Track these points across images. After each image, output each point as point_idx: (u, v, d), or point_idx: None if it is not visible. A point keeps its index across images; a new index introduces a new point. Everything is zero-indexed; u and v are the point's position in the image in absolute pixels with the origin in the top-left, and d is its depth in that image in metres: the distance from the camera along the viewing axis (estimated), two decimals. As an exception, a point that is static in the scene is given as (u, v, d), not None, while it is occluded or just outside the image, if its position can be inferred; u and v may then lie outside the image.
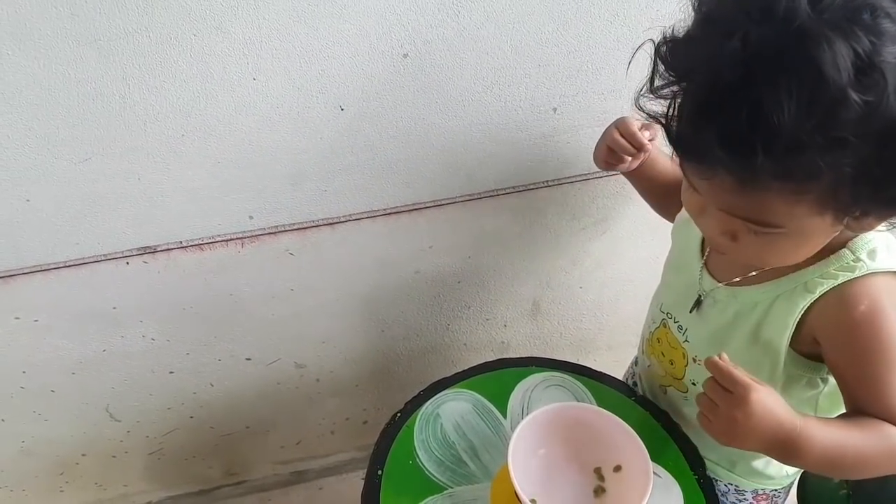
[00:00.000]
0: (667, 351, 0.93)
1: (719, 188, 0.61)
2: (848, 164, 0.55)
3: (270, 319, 1.21)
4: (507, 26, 0.93)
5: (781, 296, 0.75)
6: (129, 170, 0.94)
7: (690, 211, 0.72)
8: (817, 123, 0.52)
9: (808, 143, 0.52)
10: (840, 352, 0.73)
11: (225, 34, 0.84)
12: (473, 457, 0.89)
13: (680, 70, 0.61)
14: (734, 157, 0.55)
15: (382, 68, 0.93)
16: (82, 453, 1.33)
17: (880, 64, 0.51)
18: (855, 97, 0.51)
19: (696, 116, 0.57)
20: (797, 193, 0.58)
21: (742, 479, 0.97)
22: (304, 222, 1.07)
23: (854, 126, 0.52)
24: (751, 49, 0.53)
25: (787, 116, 0.51)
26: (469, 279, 1.30)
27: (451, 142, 1.05)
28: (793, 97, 0.51)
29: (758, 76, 0.52)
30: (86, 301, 1.07)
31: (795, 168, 0.55)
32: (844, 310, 0.70)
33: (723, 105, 0.54)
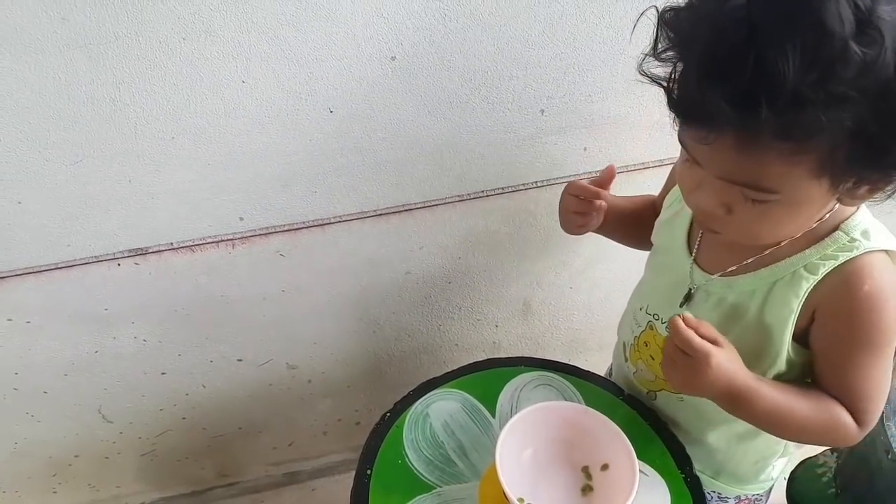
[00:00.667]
0: (656, 354, 0.92)
1: (720, 152, 0.62)
2: (847, 120, 0.55)
3: (262, 320, 1.22)
4: (494, 29, 0.95)
5: (779, 281, 0.76)
6: (120, 172, 0.94)
7: (686, 187, 0.73)
8: (819, 77, 0.53)
9: (810, 97, 0.53)
10: (834, 329, 0.74)
11: (214, 38, 0.85)
12: (462, 456, 0.90)
13: (684, 32, 0.62)
14: (739, 113, 0.56)
15: (371, 71, 0.93)
16: (75, 454, 1.34)
17: (878, 21, 0.52)
18: (856, 50, 0.52)
19: (701, 76, 0.58)
20: (796, 153, 0.59)
21: (726, 487, 0.98)
22: (295, 223, 1.08)
23: (853, 81, 0.53)
24: (754, 5, 0.54)
25: (791, 69, 0.52)
26: (460, 280, 1.31)
27: (440, 143, 1.06)
28: (797, 50, 0.52)
29: (762, 32, 0.53)
30: (78, 302, 1.08)
31: (797, 124, 0.55)
32: (848, 289, 0.72)
33: (729, 62, 0.55)
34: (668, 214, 0.92)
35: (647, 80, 0.66)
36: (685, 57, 0.61)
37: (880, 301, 0.71)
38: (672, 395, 0.93)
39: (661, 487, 0.86)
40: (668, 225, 0.91)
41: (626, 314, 1.03)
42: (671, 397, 0.94)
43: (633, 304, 0.99)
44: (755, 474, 0.96)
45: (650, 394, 0.97)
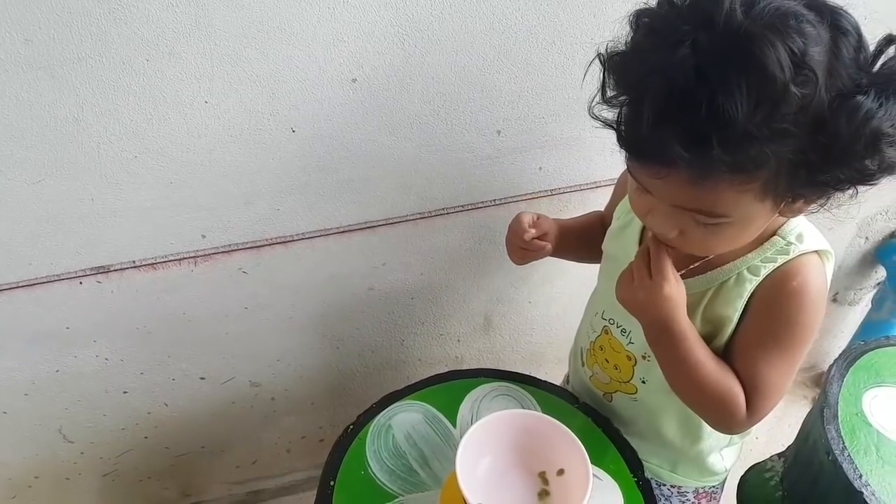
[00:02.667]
0: (611, 357, 0.97)
1: (673, 185, 0.66)
2: (789, 152, 0.61)
3: (224, 338, 1.23)
4: (451, 53, 0.98)
5: (727, 282, 0.82)
6: (82, 191, 0.95)
7: (639, 212, 0.78)
8: (765, 116, 0.58)
9: (756, 135, 0.59)
10: (756, 319, 0.81)
11: (177, 59, 0.87)
12: (424, 465, 0.92)
13: (633, 79, 0.66)
14: (692, 153, 0.60)
15: (332, 92, 0.96)
16: (35, 476, 1.32)
17: (810, 62, 0.58)
18: (794, 91, 0.57)
19: (654, 119, 0.61)
20: (744, 182, 0.64)
21: (685, 479, 1.03)
22: (258, 241, 1.10)
23: (794, 117, 0.59)
24: (701, 53, 0.59)
25: (739, 111, 0.57)
26: (422, 296, 1.33)
27: (402, 162, 1.09)
28: (743, 94, 0.57)
29: (711, 77, 0.58)
30: (39, 321, 1.08)
31: (745, 158, 0.61)
32: (780, 284, 0.79)
33: (680, 106, 0.59)
34: (618, 224, 0.96)
35: (600, 125, 0.70)
36: (636, 101, 0.64)
37: (803, 298, 0.78)
38: (627, 396, 0.98)
39: (615, 491, 0.89)
40: (618, 235, 0.95)
41: (584, 321, 1.07)
42: (626, 398, 0.98)
43: (589, 311, 1.04)
44: (709, 465, 1.01)
45: (606, 395, 1.01)
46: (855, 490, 0.93)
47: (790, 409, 1.81)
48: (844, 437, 0.98)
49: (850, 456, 0.96)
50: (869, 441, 0.99)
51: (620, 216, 0.95)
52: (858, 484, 0.93)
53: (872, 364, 1.11)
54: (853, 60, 0.61)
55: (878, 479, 0.93)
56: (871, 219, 1.58)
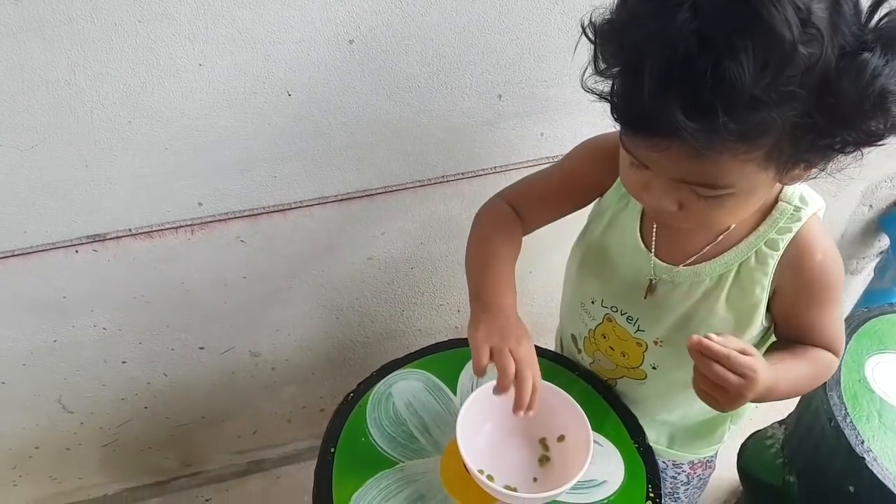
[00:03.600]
0: (616, 344, 0.95)
1: (674, 157, 0.63)
2: (795, 116, 0.58)
3: (223, 307, 1.22)
4: (451, 13, 0.96)
5: (744, 262, 0.80)
6: (76, 157, 0.94)
7: (633, 189, 0.74)
8: (772, 78, 0.55)
9: (763, 99, 0.55)
10: (797, 294, 0.81)
11: (170, 20, 0.85)
12: (424, 432, 0.91)
13: (629, 48, 0.61)
14: (697, 121, 0.57)
15: (329, 54, 0.94)
16: (35, 446, 1.32)
17: (815, 19, 0.54)
18: (802, 51, 0.54)
19: (656, 89, 0.58)
20: (749, 151, 0.61)
21: (680, 453, 1.03)
22: (255, 209, 1.09)
23: (800, 79, 0.56)
24: (702, 16, 0.55)
25: (747, 76, 0.54)
26: (422, 265, 1.32)
27: (401, 128, 1.07)
28: (749, 56, 0.54)
29: (715, 40, 0.54)
30: (35, 290, 1.07)
31: (751, 125, 0.58)
32: (805, 259, 0.79)
33: (683, 74, 0.55)
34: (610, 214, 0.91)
35: (594, 97, 0.66)
36: (634, 71, 0.60)
37: (831, 264, 0.79)
38: (633, 381, 0.96)
39: (616, 457, 0.89)
40: (612, 225, 0.91)
41: (571, 308, 1.01)
42: (632, 383, 0.96)
43: (578, 298, 0.98)
44: (716, 436, 1.01)
45: (610, 381, 0.99)
46: (857, 455, 0.93)
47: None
48: (847, 403, 0.98)
49: (852, 422, 0.96)
50: (871, 407, 0.99)
51: (610, 206, 0.91)
52: (860, 450, 0.93)
53: (875, 331, 1.11)
54: (854, 17, 0.58)
55: (879, 445, 0.93)
56: (875, 186, 1.57)
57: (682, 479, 1.06)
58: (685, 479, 1.07)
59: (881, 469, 0.91)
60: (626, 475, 0.87)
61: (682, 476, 1.06)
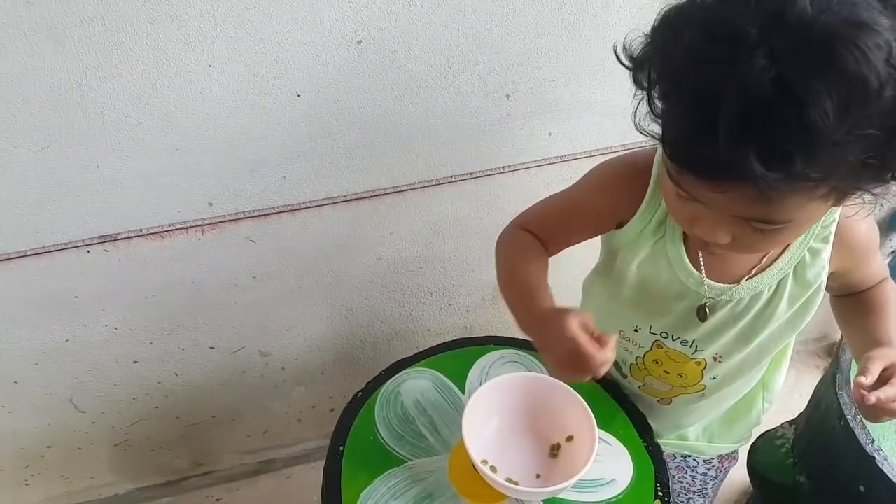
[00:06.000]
0: (672, 368, 0.92)
1: (736, 198, 0.60)
2: (867, 155, 0.56)
3: (233, 307, 1.23)
4: (458, 14, 0.96)
5: (800, 262, 0.81)
6: (87, 157, 0.95)
7: (681, 220, 0.72)
8: (853, 122, 0.52)
9: (841, 143, 0.53)
10: (856, 262, 0.84)
11: (180, 22, 0.86)
12: (433, 431, 0.92)
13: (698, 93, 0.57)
14: (773, 169, 0.54)
15: (337, 55, 0.95)
16: (47, 445, 1.33)
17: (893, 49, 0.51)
18: (888, 93, 0.51)
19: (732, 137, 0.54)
20: (814, 189, 0.59)
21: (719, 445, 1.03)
22: (264, 209, 1.09)
23: (881, 119, 0.53)
24: (780, 61, 0.52)
25: (829, 121, 0.51)
26: (431, 265, 1.33)
27: (409, 128, 1.08)
28: (834, 101, 0.51)
29: (795, 87, 0.51)
30: (47, 290, 1.08)
31: (826, 167, 0.55)
32: (854, 233, 0.81)
33: (763, 122, 0.53)
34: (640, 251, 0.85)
35: (650, 140, 0.64)
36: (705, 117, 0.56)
37: (870, 224, 0.82)
38: (690, 397, 0.94)
39: (624, 455, 0.88)
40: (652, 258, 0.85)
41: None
42: (689, 398, 0.94)
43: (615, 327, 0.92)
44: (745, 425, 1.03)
45: (663, 400, 0.97)
46: (867, 455, 0.92)
47: (802, 380, 1.81)
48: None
49: (862, 421, 0.95)
50: (882, 406, 0.98)
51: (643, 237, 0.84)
52: (870, 448, 0.93)
53: (886, 330, 1.10)
54: None
55: (890, 444, 0.93)
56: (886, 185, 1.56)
57: (711, 474, 1.07)
58: (714, 473, 1.07)
59: (891, 468, 0.90)
60: (634, 474, 0.87)
61: (711, 472, 1.06)
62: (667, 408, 0.98)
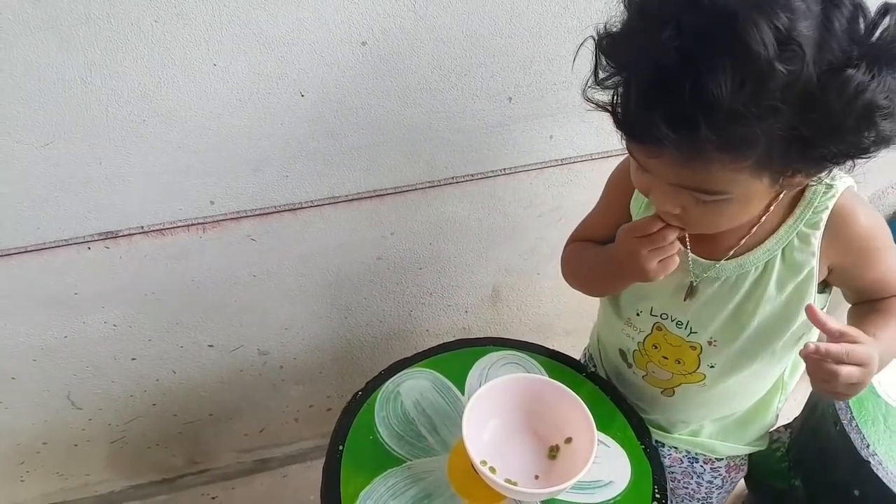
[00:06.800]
0: (670, 353, 0.94)
1: (667, 164, 0.66)
2: (779, 129, 0.60)
3: (233, 306, 1.23)
4: (462, 16, 0.97)
5: (787, 246, 0.81)
6: (90, 154, 0.95)
7: (640, 189, 0.78)
8: (751, 94, 0.57)
9: (743, 113, 0.58)
10: (856, 260, 0.82)
11: (186, 20, 0.86)
12: (432, 431, 0.92)
13: (622, 61, 0.66)
14: (680, 134, 0.60)
15: (341, 55, 0.95)
16: (43, 442, 1.33)
17: (798, 37, 0.57)
18: (780, 67, 0.56)
19: (642, 101, 0.62)
20: (737, 161, 0.63)
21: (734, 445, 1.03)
22: (266, 208, 1.09)
23: (781, 93, 0.58)
24: (685, 35, 0.58)
25: (725, 91, 0.57)
26: (430, 266, 1.33)
27: (411, 129, 1.08)
28: (727, 73, 0.56)
29: (695, 58, 0.57)
30: (47, 287, 1.08)
31: (734, 137, 0.60)
32: (849, 225, 0.80)
33: (666, 88, 0.59)
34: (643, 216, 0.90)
35: (593, 107, 0.70)
36: (626, 83, 0.65)
37: (876, 222, 0.81)
38: (692, 386, 0.95)
39: (622, 458, 0.89)
40: None
41: (611, 325, 1.01)
42: (691, 388, 0.95)
43: (621, 313, 0.97)
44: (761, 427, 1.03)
45: (666, 392, 0.98)
46: (862, 459, 0.93)
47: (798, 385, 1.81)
48: (852, 406, 0.98)
49: (857, 426, 0.96)
50: (877, 411, 0.99)
51: (639, 211, 0.91)
52: (865, 453, 0.93)
53: (882, 336, 1.11)
54: (846, 32, 0.59)
55: (884, 449, 0.94)
56: (882, 192, 1.57)
57: (717, 482, 1.06)
58: (720, 482, 1.06)
59: (886, 473, 0.91)
60: (632, 476, 0.87)
61: (717, 480, 1.06)
62: (671, 399, 0.98)
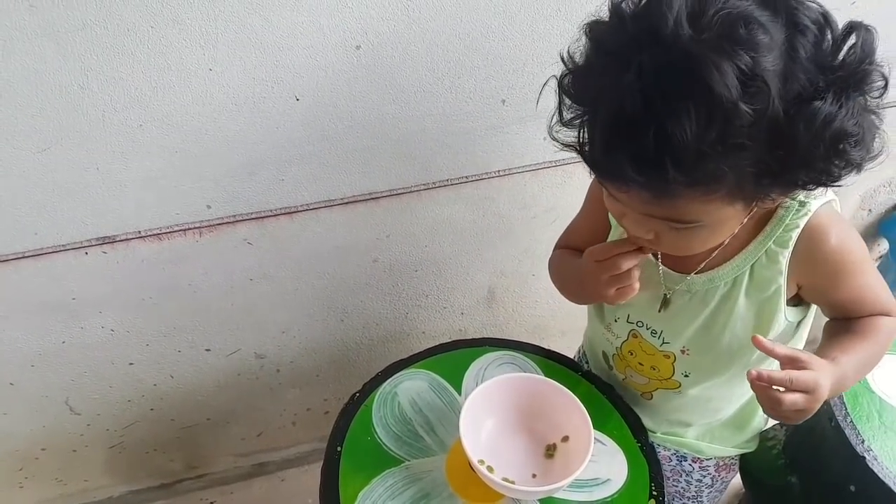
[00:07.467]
0: (645, 360, 0.95)
1: (637, 199, 0.66)
2: (748, 163, 0.60)
3: (229, 309, 1.23)
4: (456, 20, 0.98)
5: (757, 263, 0.81)
6: (87, 160, 0.95)
7: (612, 214, 0.78)
8: (717, 135, 0.57)
9: (710, 153, 0.58)
10: (826, 280, 0.81)
11: (182, 26, 0.87)
12: (430, 431, 0.93)
13: (585, 102, 0.66)
14: (646, 176, 0.60)
15: (336, 59, 0.96)
16: (42, 447, 1.33)
17: (762, 73, 0.55)
18: (745, 108, 0.56)
19: (606, 143, 0.62)
20: (707, 195, 0.64)
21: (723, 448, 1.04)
22: (262, 211, 1.10)
23: (748, 131, 0.57)
24: (646, 78, 0.57)
25: (689, 134, 0.56)
26: (426, 268, 1.34)
27: (406, 132, 1.09)
28: (691, 117, 0.56)
29: (657, 102, 0.57)
30: (45, 292, 1.08)
31: (702, 176, 0.60)
32: (819, 245, 0.78)
33: (629, 131, 0.58)
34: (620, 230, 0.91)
35: (559, 146, 0.70)
36: (590, 123, 0.65)
37: (848, 242, 0.79)
38: (670, 392, 0.96)
39: (619, 455, 0.90)
40: None
41: (596, 327, 1.03)
42: (668, 394, 0.97)
43: (602, 316, 1.00)
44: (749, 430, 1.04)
45: (645, 395, 1.00)
46: (857, 455, 0.94)
47: (791, 383, 1.82)
48: (847, 403, 0.99)
49: (852, 422, 0.97)
50: (871, 407, 1.00)
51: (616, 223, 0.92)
52: (861, 449, 0.94)
53: (875, 333, 1.12)
54: (812, 59, 0.58)
55: (879, 444, 0.94)
56: (873, 191, 1.58)
57: (706, 482, 1.07)
58: (710, 481, 1.07)
59: (882, 468, 0.92)
60: (629, 473, 0.88)
61: (706, 479, 1.07)
62: (650, 402, 1.00)
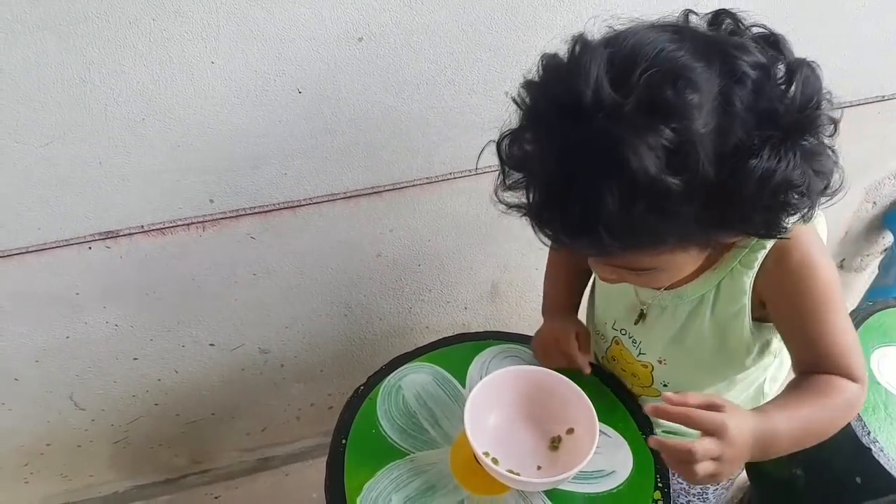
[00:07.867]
0: (626, 367, 0.98)
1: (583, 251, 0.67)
2: (688, 222, 0.60)
3: (233, 304, 1.23)
4: (459, 11, 0.97)
5: (723, 281, 0.81)
6: (90, 154, 0.95)
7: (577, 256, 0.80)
8: (645, 206, 0.56)
9: (642, 222, 0.58)
10: (784, 300, 0.77)
11: (184, 18, 0.87)
12: (434, 424, 0.93)
13: (519, 168, 0.67)
14: (582, 244, 0.61)
15: (338, 52, 0.96)
16: (47, 443, 1.33)
17: (690, 138, 0.54)
18: (671, 180, 0.55)
19: (539, 214, 0.63)
20: (653, 250, 0.64)
21: None
22: (265, 206, 1.10)
23: (680, 198, 0.56)
24: (570, 154, 0.58)
25: (615, 207, 0.56)
26: (429, 262, 1.33)
27: (409, 125, 1.08)
28: (614, 193, 0.56)
29: (580, 179, 0.57)
30: (48, 287, 1.08)
31: (639, 240, 0.61)
32: (781, 264, 0.76)
33: (558, 203, 0.60)
34: None
35: (504, 209, 0.70)
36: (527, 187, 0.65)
37: (811, 263, 0.74)
38: (651, 399, 0.97)
39: (624, 448, 0.89)
40: None
41: (589, 324, 1.05)
42: (651, 399, 0.97)
43: (599, 318, 1.02)
44: None
45: None
46: (863, 446, 0.93)
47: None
48: (853, 394, 0.99)
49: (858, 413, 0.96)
50: (878, 399, 0.99)
51: None
52: (867, 440, 0.94)
53: (881, 324, 1.12)
54: (750, 109, 0.57)
55: (885, 436, 0.94)
56: (878, 183, 1.57)
57: None
58: None
59: (887, 459, 0.91)
60: (634, 466, 0.87)
61: None
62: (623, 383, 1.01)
